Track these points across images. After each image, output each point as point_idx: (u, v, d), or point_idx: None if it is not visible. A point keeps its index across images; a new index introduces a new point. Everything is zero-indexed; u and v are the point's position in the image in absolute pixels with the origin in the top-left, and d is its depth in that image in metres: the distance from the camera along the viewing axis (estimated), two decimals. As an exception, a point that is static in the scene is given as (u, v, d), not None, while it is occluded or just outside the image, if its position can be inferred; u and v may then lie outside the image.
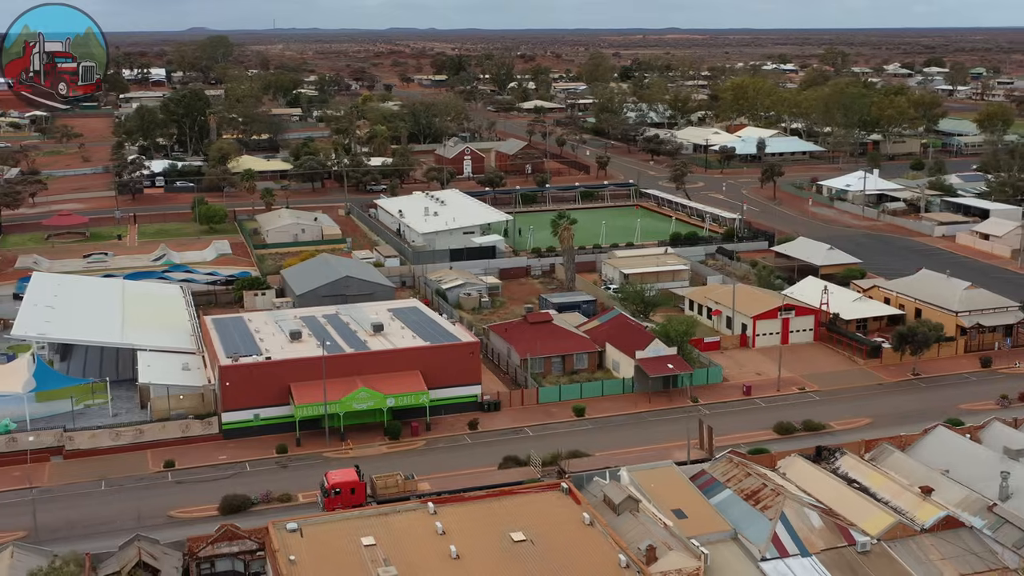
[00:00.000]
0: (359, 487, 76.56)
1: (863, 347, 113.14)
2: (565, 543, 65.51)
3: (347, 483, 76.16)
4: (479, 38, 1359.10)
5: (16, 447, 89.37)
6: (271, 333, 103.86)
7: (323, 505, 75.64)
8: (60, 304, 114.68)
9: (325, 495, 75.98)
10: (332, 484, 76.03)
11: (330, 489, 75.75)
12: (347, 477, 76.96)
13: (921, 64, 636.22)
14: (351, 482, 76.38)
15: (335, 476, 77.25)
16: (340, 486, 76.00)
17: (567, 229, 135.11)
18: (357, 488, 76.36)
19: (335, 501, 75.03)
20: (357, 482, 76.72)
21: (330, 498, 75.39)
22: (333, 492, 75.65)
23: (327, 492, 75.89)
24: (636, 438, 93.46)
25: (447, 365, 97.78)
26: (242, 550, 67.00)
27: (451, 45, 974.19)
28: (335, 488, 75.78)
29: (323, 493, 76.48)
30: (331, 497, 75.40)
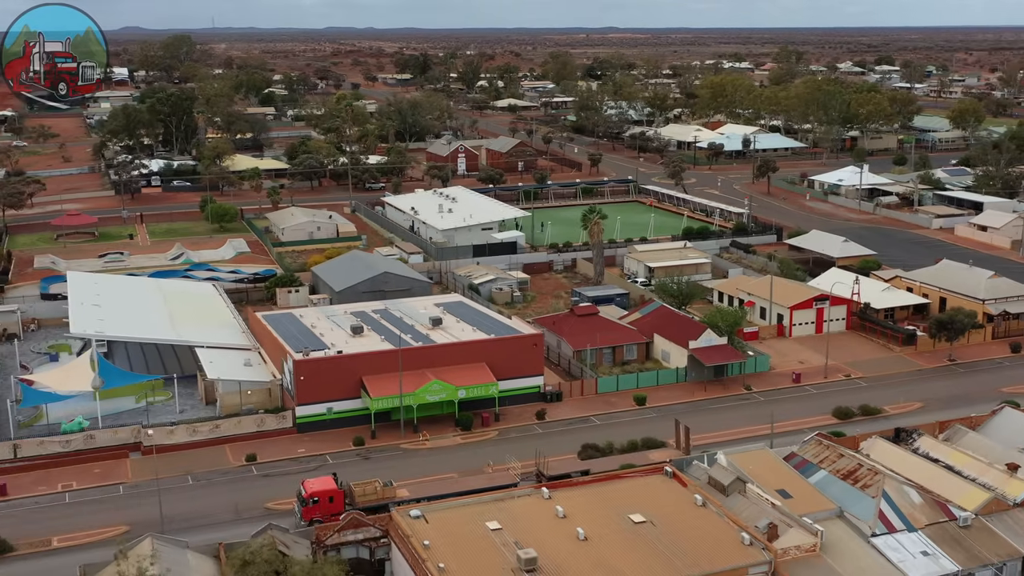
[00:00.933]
0: (337, 495, 75.29)
1: (898, 335, 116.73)
2: (683, 523, 67.65)
3: (325, 492, 75.00)
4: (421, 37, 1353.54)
5: (93, 444, 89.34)
6: (329, 328, 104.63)
7: (300, 515, 74.60)
8: (106, 303, 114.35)
9: (303, 504, 74.71)
10: (310, 493, 74.87)
11: (308, 498, 74.54)
12: (325, 486, 75.80)
13: (872, 62, 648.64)
14: (330, 491, 75.15)
15: (313, 485, 76.02)
16: (319, 495, 74.71)
17: (596, 224, 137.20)
18: (336, 496, 75.13)
19: (313, 510, 74.20)
20: (336, 490, 75.50)
21: (308, 507, 74.24)
22: (311, 501, 74.43)
23: (305, 501, 74.60)
24: (700, 425, 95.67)
25: (511, 357, 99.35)
26: (367, 537, 68.07)
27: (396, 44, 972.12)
28: (313, 497, 74.57)
29: (301, 502, 75.17)
30: (309, 506, 74.28)
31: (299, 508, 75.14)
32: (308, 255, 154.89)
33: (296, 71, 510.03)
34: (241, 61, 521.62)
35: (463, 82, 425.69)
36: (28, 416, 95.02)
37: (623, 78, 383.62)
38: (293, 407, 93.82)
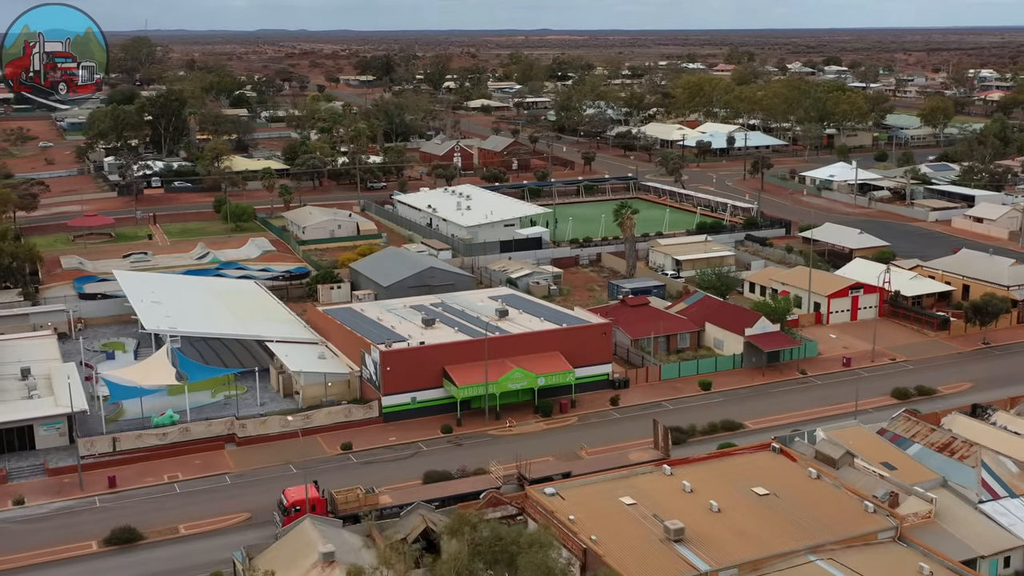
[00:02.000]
0: (320, 503, 73.51)
1: (933, 320, 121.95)
2: (804, 495, 71.29)
3: (307, 500, 72.77)
4: (359, 39, 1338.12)
5: (189, 436, 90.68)
6: (397, 321, 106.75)
7: (281, 523, 72.12)
8: (164, 300, 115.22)
9: (285, 513, 72.92)
10: (292, 502, 73.05)
11: (290, 507, 72.83)
12: (307, 494, 73.37)
13: (821, 63, 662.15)
14: (311, 499, 73.05)
15: (294, 493, 74.12)
16: (300, 503, 72.60)
17: (629, 218, 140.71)
18: (318, 504, 73.21)
19: (295, 519, 70.07)
20: (318, 498, 73.79)
21: (290, 516, 71.78)
22: (293, 509, 72.49)
23: (287, 510, 72.82)
24: (765, 408, 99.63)
25: (582, 345, 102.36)
26: (505, 515, 70.66)
27: (335, 46, 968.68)
28: (295, 505, 72.68)
29: (282, 511, 73.44)
30: (291, 515, 71.74)
31: (280, 517, 73.41)
32: (331, 253, 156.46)
33: (252, 73, 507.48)
34: (202, 63, 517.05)
35: (430, 83, 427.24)
36: (110, 412, 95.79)
37: (592, 78, 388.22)
38: (379, 397, 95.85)
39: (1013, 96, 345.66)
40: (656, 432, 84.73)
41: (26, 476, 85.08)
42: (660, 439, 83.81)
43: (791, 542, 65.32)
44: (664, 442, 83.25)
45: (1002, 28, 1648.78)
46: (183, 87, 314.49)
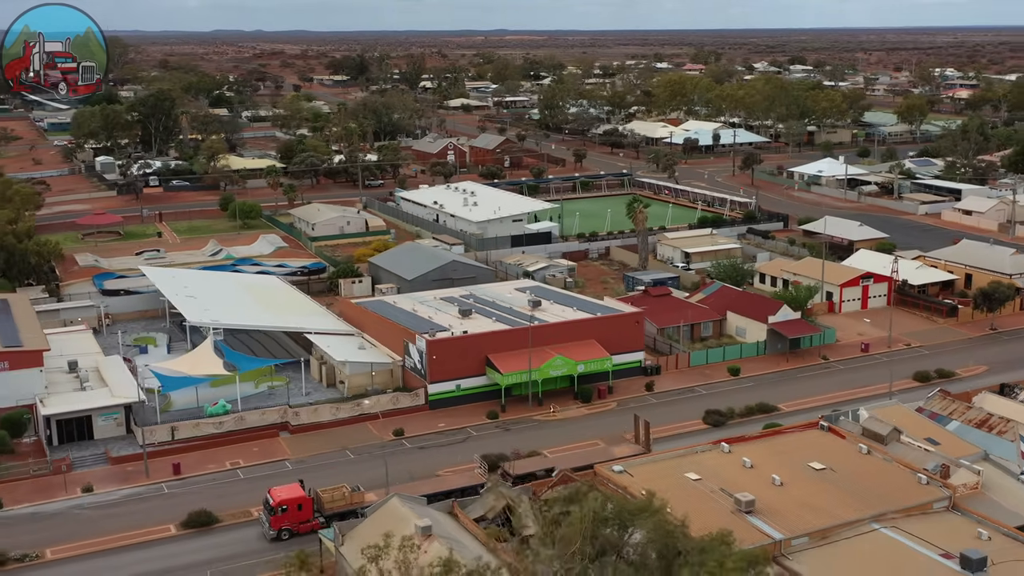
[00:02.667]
0: (306, 502, 74.11)
1: (942, 308, 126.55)
2: (859, 469, 74.87)
3: (294, 499, 73.67)
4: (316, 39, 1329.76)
5: (244, 425, 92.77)
6: (433, 312, 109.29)
7: (269, 524, 73.36)
8: (198, 294, 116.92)
9: (271, 513, 73.36)
10: (279, 501, 73.44)
11: (277, 507, 73.25)
12: (293, 493, 74.37)
13: (786, 62, 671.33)
14: (298, 498, 73.81)
15: (280, 493, 74.43)
16: (287, 503, 73.37)
17: (641, 212, 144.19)
18: (304, 504, 73.92)
19: (282, 519, 73.17)
20: (304, 497, 74.28)
21: (277, 516, 73.05)
22: (280, 509, 73.15)
23: (273, 510, 73.26)
24: (793, 392, 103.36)
25: (616, 334, 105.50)
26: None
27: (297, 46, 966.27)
28: (282, 505, 73.26)
29: (268, 511, 73.76)
30: (278, 515, 73.07)
31: (267, 517, 73.90)
32: (341, 249, 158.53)
33: (223, 73, 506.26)
34: (175, 63, 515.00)
35: (406, 83, 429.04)
36: (160, 403, 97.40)
37: (570, 78, 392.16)
38: (424, 385, 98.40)
39: (982, 94, 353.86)
40: (637, 427, 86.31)
41: (89, 465, 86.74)
42: (641, 433, 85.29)
43: (854, 512, 68.79)
44: (645, 436, 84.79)
45: (954, 28, 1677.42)
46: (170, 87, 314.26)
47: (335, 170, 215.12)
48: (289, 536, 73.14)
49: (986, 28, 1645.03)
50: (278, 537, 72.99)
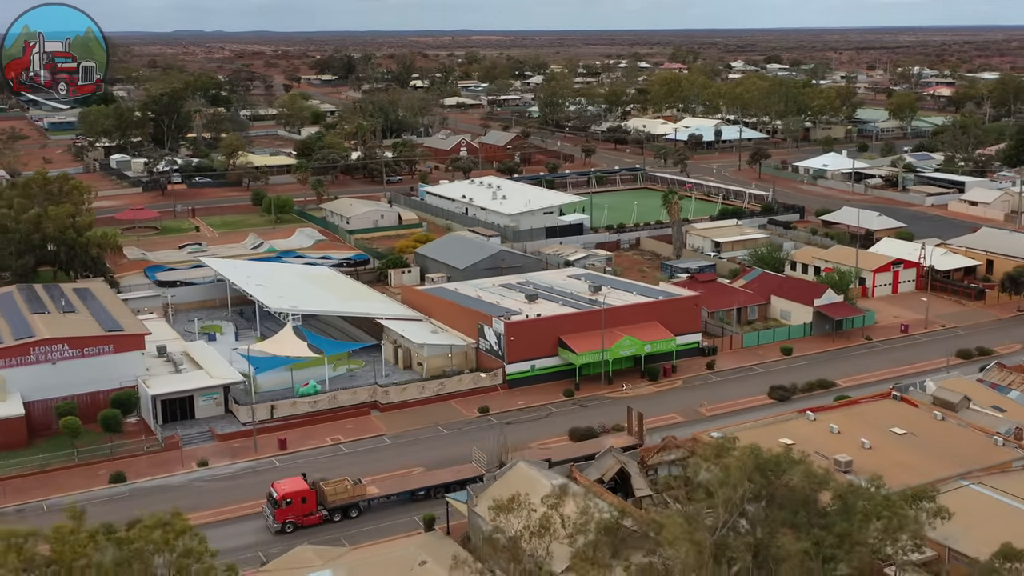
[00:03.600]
0: (310, 495, 75.22)
1: (970, 291, 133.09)
2: (937, 433, 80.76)
3: (298, 492, 74.75)
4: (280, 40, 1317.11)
5: (337, 404, 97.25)
6: (499, 297, 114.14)
7: (273, 517, 74.38)
8: (267, 283, 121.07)
9: (276, 506, 74.34)
10: (283, 495, 74.42)
11: (281, 500, 74.23)
12: (297, 486, 75.38)
13: (763, 61, 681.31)
14: (302, 491, 74.95)
15: (284, 486, 75.40)
16: (291, 496, 74.43)
17: (676, 204, 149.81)
18: (308, 496, 75.05)
19: (286, 512, 74.27)
20: (308, 490, 75.37)
21: (281, 509, 74.12)
22: (284, 503, 74.18)
23: (277, 503, 74.27)
24: (845, 369, 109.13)
25: (676, 316, 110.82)
26: (677, 457, 78.84)
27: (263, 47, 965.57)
28: (286, 499, 74.29)
29: (273, 504, 74.75)
30: (283, 508, 74.13)
31: (271, 511, 74.94)
32: (377, 241, 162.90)
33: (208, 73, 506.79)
34: (163, 63, 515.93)
35: (396, 82, 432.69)
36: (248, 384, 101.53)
37: (564, 76, 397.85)
38: (502, 366, 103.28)
39: (965, 91, 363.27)
40: (630, 419, 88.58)
41: (196, 442, 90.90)
42: (635, 425, 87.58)
43: (943, 470, 74.51)
44: (638, 427, 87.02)
45: (911, 28, 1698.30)
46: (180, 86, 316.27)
47: (353, 166, 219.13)
48: (293, 529, 74.31)
49: (942, 28, 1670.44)
50: (282, 530, 74.08)
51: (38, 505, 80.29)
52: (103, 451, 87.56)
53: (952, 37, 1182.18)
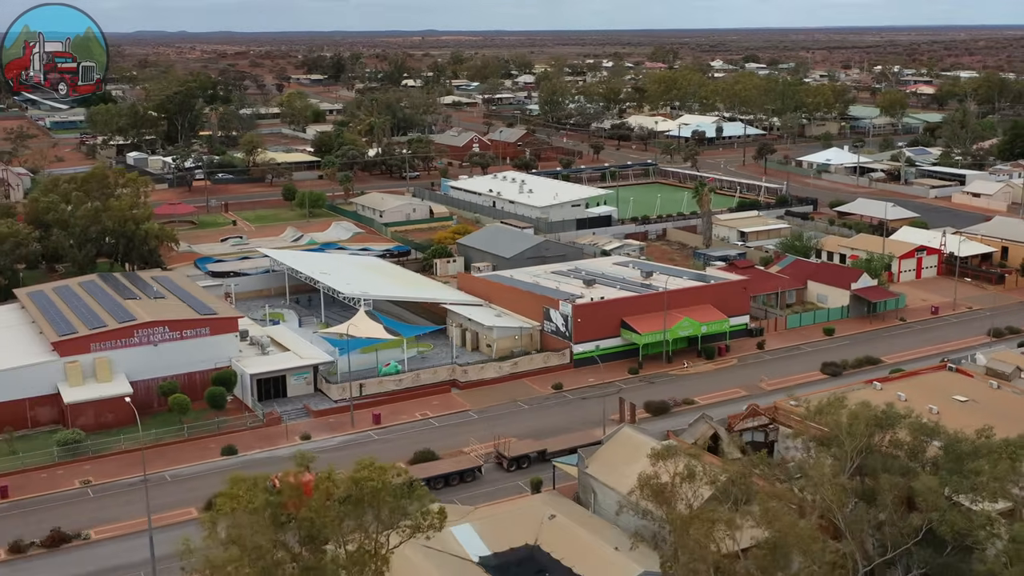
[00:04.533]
0: None
1: (991, 276, 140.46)
2: (996, 400, 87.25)
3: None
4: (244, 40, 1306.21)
5: (419, 382, 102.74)
6: (556, 283, 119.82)
7: None
8: (330, 271, 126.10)
9: None
10: None
11: None
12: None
13: (741, 60, 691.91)
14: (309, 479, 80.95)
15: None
16: None
17: (706, 196, 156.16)
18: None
19: None
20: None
21: None
22: None
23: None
24: (887, 348, 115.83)
25: (726, 299, 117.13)
26: (759, 424, 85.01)
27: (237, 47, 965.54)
28: None
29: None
30: None
31: None
32: (411, 234, 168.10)
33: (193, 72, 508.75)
34: (154, 62, 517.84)
35: (389, 81, 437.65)
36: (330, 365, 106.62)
37: (553, 75, 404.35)
38: (569, 346, 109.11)
39: (950, 88, 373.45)
40: (622, 408, 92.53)
41: (292, 418, 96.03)
42: (626, 414, 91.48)
43: (1010, 433, 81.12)
44: (631, 417, 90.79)
45: (873, 28, 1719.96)
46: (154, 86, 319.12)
47: (371, 163, 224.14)
48: None
49: (902, 28, 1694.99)
50: None
51: (160, 476, 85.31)
52: (210, 426, 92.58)
53: (916, 37, 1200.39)
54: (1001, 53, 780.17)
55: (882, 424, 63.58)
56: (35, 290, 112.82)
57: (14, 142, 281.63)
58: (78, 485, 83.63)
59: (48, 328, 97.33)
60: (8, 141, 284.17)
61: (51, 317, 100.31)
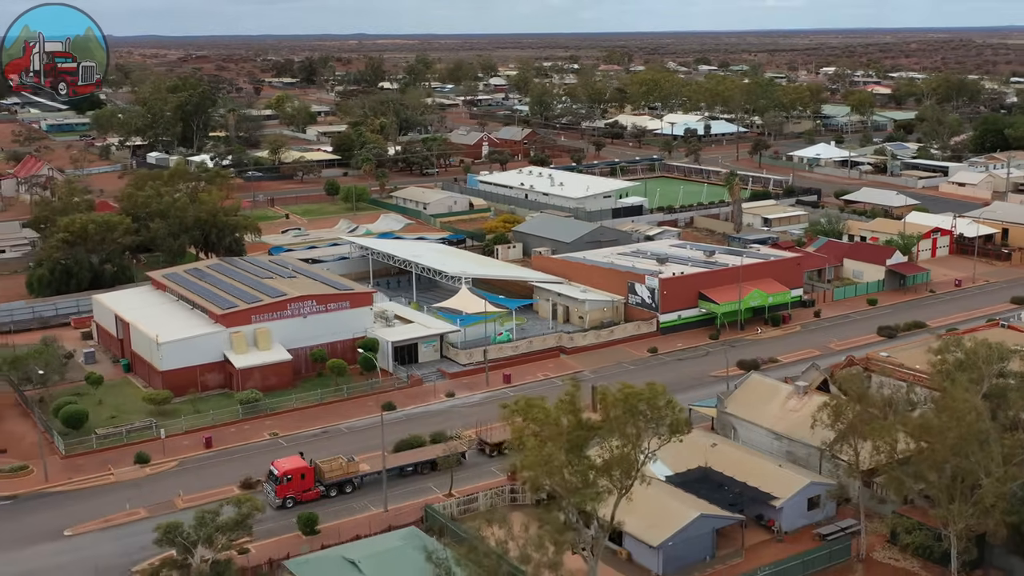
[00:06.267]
0: (308, 471, 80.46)
1: (1000, 254, 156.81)
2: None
3: (298, 469, 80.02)
4: (175, 44, 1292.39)
5: (531, 348, 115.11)
6: (632, 262, 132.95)
7: (274, 492, 79.40)
8: (418, 255, 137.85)
9: (277, 483, 79.45)
10: (284, 471, 79.65)
11: (282, 476, 79.41)
12: (296, 464, 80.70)
13: (694, 62, 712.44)
14: (301, 468, 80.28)
15: (284, 464, 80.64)
16: (291, 472, 79.67)
17: (738, 185, 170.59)
18: (307, 473, 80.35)
19: (287, 488, 79.40)
20: (307, 467, 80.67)
21: (282, 485, 79.29)
22: (285, 479, 79.37)
23: (279, 479, 79.38)
24: (924, 314, 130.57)
25: (785, 273, 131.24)
26: (856, 373, 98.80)
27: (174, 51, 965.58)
28: (287, 475, 79.56)
29: (275, 481, 79.70)
30: (283, 484, 79.33)
31: (272, 487, 79.93)
32: (460, 224, 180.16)
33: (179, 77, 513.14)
34: (123, 67, 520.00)
35: (366, 83, 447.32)
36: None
37: (530, 76, 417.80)
38: (656, 316, 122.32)
39: (907, 88, 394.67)
40: (594, 397, 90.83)
41: (430, 380, 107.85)
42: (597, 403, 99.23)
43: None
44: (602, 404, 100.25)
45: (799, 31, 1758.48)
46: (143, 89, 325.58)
47: (392, 160, 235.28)
48: (293, 504, 79.62)
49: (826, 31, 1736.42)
50: (283, 505, 79.31)
51: (336, 428, 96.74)
52: (364, 387, 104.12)
53: (846, 40, 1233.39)
54: (935, 55, 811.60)
55: (1003, 356, 77.81)
56: (169, 272, 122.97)
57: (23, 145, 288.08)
58: (267, 437, 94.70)
59: (207, 304, 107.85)
60: (16, 143, 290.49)
61: (204, 294, 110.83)
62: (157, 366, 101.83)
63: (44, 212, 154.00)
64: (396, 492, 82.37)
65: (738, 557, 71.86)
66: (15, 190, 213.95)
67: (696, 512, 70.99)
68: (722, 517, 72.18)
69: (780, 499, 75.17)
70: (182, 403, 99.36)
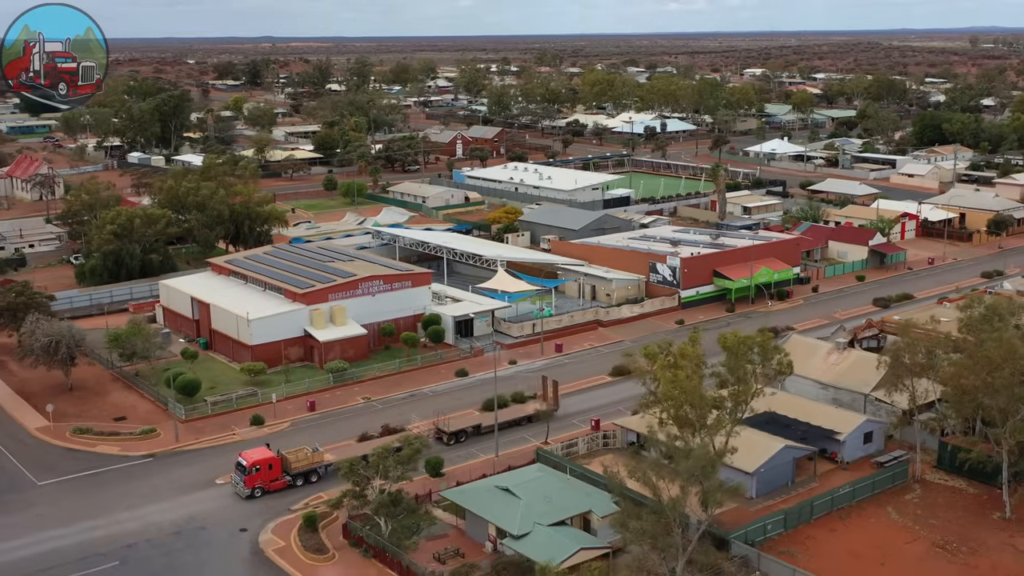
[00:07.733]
0: (276, 462, 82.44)
1: (963, 235, 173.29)
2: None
3: (265, 459, 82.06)
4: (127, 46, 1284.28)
5: (572, 322, 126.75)
6: (646, 245, 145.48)
7: (243, 483, 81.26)
8: (447, 242, 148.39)
9: (245, 473, 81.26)
10: (252, 462, 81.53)
11: (251, 467, 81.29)
12: (264, 455, 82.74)
13: (622, 64, 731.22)
14: (269, 458, 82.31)
15: (252, 455, 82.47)
16: (260, 463, 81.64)
17: (721, 176, 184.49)
18: (274, 463, 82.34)
19: (255, 478, 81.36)
20: (274, 458, 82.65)
21: (251, 475, 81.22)
22: (254, 469, 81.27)
23: (247, 470, 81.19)
24: (916, 287, 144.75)
25: (784, 253, 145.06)
26: (871, 335, 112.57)
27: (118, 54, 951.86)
28: (255, 466, 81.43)
29: (243, 472, 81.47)
30: (252, 474, 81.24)
31: (240, 478, 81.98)
32: (461, 216, 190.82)
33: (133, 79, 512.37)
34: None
35: (314, 84, 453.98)
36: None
37: (470, 75, 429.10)
38: (677, 292, 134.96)
39: (838, 88, 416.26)
40: (544, 386, 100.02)
41: (488, 350, 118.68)
42: (548, 392, 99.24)
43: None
44: (553, 394, 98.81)
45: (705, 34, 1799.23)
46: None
47: (376, 157, 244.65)
48: (261, 494, 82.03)
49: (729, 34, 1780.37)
50: (252, 495, 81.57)
51: (421, 392, 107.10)
52: (434, 358, 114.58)
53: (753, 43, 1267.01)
54: (847, 56, 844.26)
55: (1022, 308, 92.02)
56: (230, 258, 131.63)
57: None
58: (361, 401, 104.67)
59: (283, 285, 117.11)
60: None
61: (276, 277, 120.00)
62: (246, 341, 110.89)
63: (75, 207, 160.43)
64: (492, 444, 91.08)
65: (813, 482, 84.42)
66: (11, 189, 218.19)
67: (781, 444, 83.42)
68: (800, 448, 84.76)
69: (843, 433, 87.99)
70: (274, 374, 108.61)
